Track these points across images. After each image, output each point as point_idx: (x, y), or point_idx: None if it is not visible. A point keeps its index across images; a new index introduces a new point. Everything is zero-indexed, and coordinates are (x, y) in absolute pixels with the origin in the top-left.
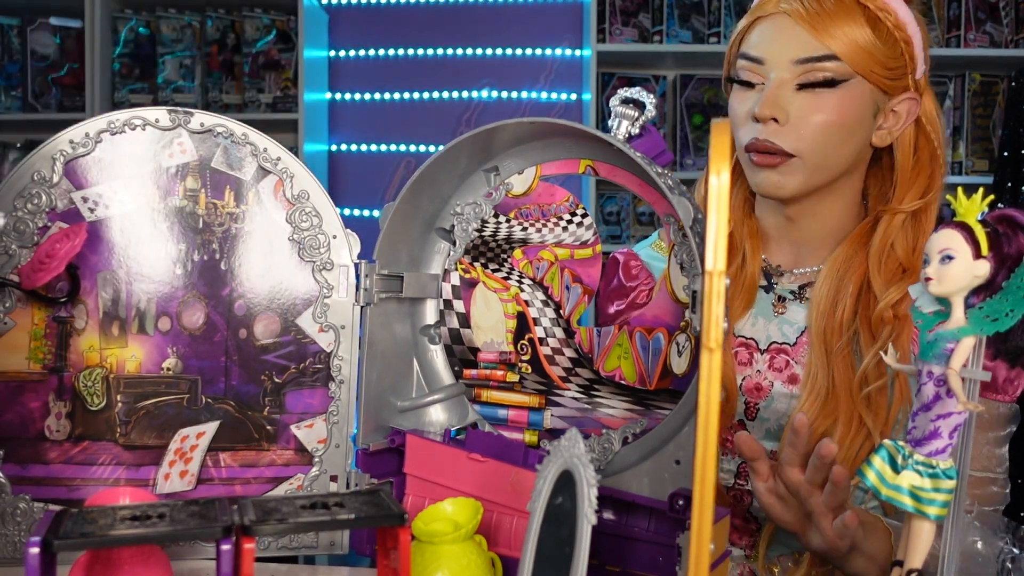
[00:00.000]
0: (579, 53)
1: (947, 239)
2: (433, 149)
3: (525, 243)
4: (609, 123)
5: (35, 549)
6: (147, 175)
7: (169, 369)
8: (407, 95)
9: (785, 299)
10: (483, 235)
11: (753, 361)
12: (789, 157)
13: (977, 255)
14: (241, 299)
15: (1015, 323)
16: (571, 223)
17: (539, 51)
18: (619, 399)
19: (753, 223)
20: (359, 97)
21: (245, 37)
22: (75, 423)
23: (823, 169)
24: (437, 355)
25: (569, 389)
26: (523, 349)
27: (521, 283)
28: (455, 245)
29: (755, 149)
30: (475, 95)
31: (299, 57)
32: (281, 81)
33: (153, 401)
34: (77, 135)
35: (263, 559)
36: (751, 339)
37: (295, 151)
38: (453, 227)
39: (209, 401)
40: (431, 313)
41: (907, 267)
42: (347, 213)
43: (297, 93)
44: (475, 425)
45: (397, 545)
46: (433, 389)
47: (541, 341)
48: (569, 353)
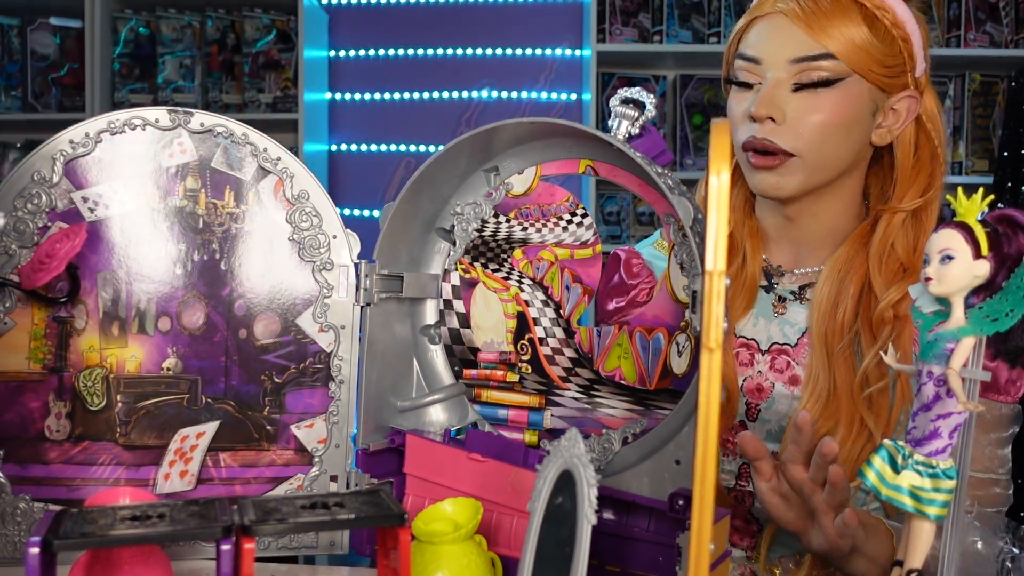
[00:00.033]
0: (579, 53)
1: (947, 239)
2: (433, 149)
3: (525, 243)
4: (609, 123)
5: (35, 549)
6: (147, 175)
7: (169, 369)
8: (407, 95)
9: (785, 299)
10: (483, 235)
11: (754, 362)
12: (788, 157)
13: (977, 255)
14: (241, 299)
15: (1015, 323)
16: (571, 223)
17: (539, 51)
18: (619, 399)
19: (753, 223)
20: (359, 97)
21: (245, 37)
22: (75, 423)
23: (822, 168)
24: (437, 355)
25: (569, 389)
26: (523, 349)
27: (521, 283)
28: (455, 245)
29: (753, 147)
30: (475, 95)
31: (299, 57)
32: (281, 81)
33: (153, 401)
34: (77, 135)
35: (263, 559)
36: (752, 340)
37: (295, 151)
38: (453, 227)
39: (209, 401)
40: (431, 313)
41: (908, 266)
42: (347, 213)
43: (297, 93)
44: (475, 425)
45: (397, 545)
46: (433, 389)
47: (541, 341)
48: (569, 353)
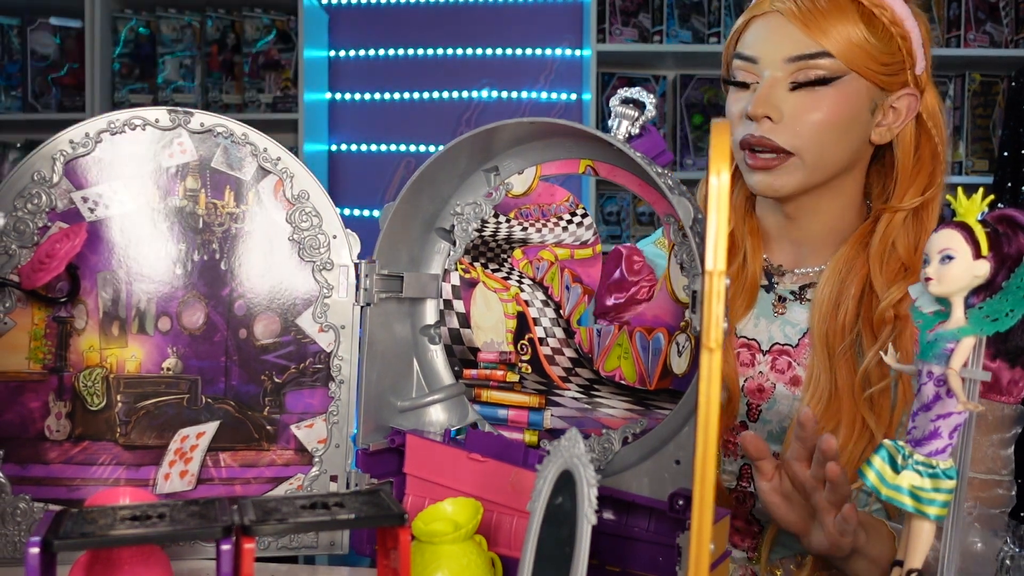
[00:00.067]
0: (579, 53)
1: (947, 239)
2: (433, 149)
3: (525, 243)
4: (609, 123)
5: (35, 549)
6: (147, 175)
7: (169, 369)
8: (407, 95)
9: (785, 299)
10: (483, 235)
11: (755, 362)
12: (786, 156)
13: (977, 255)
14: (241, 299)
15: (1015, 323)
16: (571, 223)
17: (539, 51)
18: (619, 399)
19: (754, 222)
20: (359, 97)
21: (245, 37)
22: (75, 423)
23: (821, 167)
24: (437, 355)
25: (569, 389)
26: (523, 349)
27: (521, 283)
28: (455, 245)
29: (749, 144)
30: (475, 95)
31: (299, 57)
32: (281, 81)
33: (153, 401)
34: (77, 135)
35: (263, 559)
36: (753, 340)
37: (295, 151)
38: (453, 227)
39: (209, 401)
40: (431, 313)
41: (909, 266)
42: (347, 213)
43: (297, 93)
44: (475, 425)
45: (397, 545)
46: (433, 389)
47: (541, 341)
48: (569, 353)
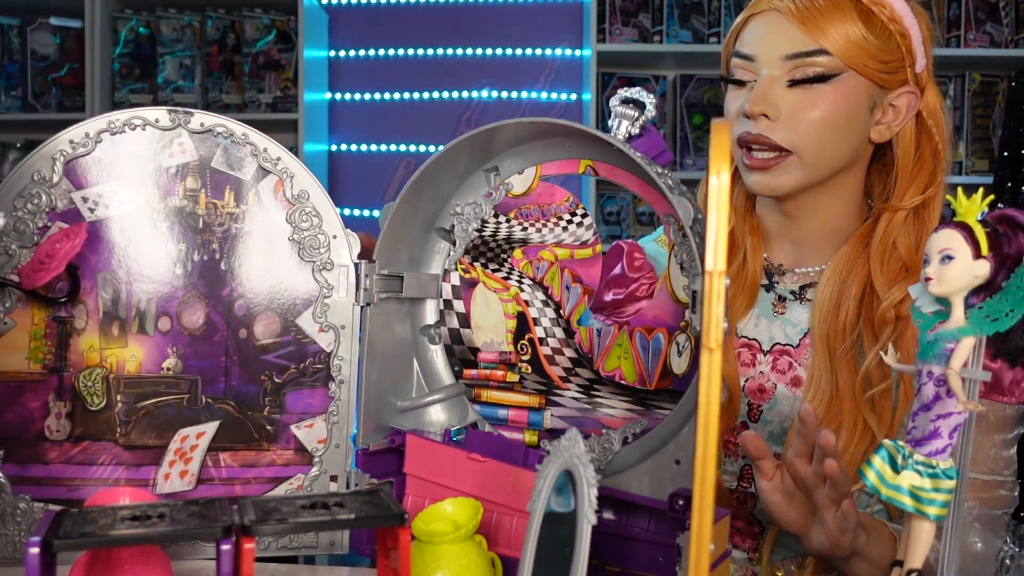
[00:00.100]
0: (579, 53)
1: (947, 239)
2: (433, 149)
3: (525, 243)
4: (609, 123)
5: (35, 549)
6: (147, 175)
7: (169, 369)
8: (407, 95)
9: (785, 299)
10: (483, 235)
11: (756, 362)
12: (784, 154)
13: (977, 255)
14: (241, 299)
15: (1015, 323)
16: (571, 223)
17: (539, 51)
18: (619, 399)
19: (754, 220)
20: (359, 97)
21: (245, 37)
22: (75, 423)
23: (819, 165)
24: (437, 355)
25: (569, 389)
26: (523, 349)
27: (521, 283)
28: (455, 245)
29: (747, 142)
30: (475, 95)
31: (299, 57)
32: (281, 81)
33: (153, 401)
34: (77, 135)
35: (263, 559)
36: (754, 340)
37: (295, 151)
38: (453, 227)
39: (209, 401)
40: (431, 313)
41: (910, 265)
42: (347, 213)
43: (297, 93)
44: (475, 425)
45: (397, 545)
46: (433, 389)
47: (541, 341)
48: (569, 353)
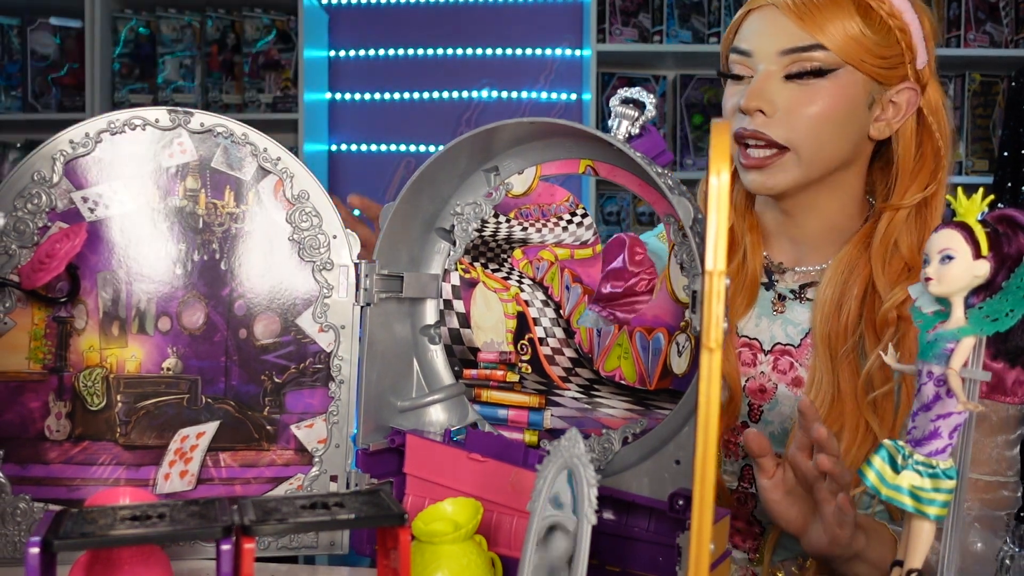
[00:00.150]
0: (579, 53)
1: (947, 239)
2: (433, 149)
3: (525, 243)
4: (609, 123)
5: (35, 549)
6: (147, 175)
7: (169, 369)
8: (407, 95)
9: (785, 298)
10: (483, 235)
11: (757, 362)
12: (780, 151)
13: (977, 255)
14: (241, 299)
15: (1015, 323)
16: (571, 223)
17: (539, 51)
18: (619, 399)
19: (753, 218)
20: (359, 97)
21: (245, 37)
22: (75, 423)
23: (817, 162)
24: (437, 355)
25: (569, 389)
26: (523, 349)
27: (521, 283)
28: (455, 245)
29: (743, 138)
30: (475, 95)
31: (299, 57)
32: (281, 81)
33: (153, 401)
34: (77, 135)
35: (263, 559)
36: (755, 339)
37: (295, 151)
38: (453, 227)
39: (209, 401)
40: (431, 313)
41: (912, 265)
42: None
43: (297, 93)
44: (475, 425)
45: (397, 545)
46: (433, 389)
47: (541, 341)
48: (569, 353)
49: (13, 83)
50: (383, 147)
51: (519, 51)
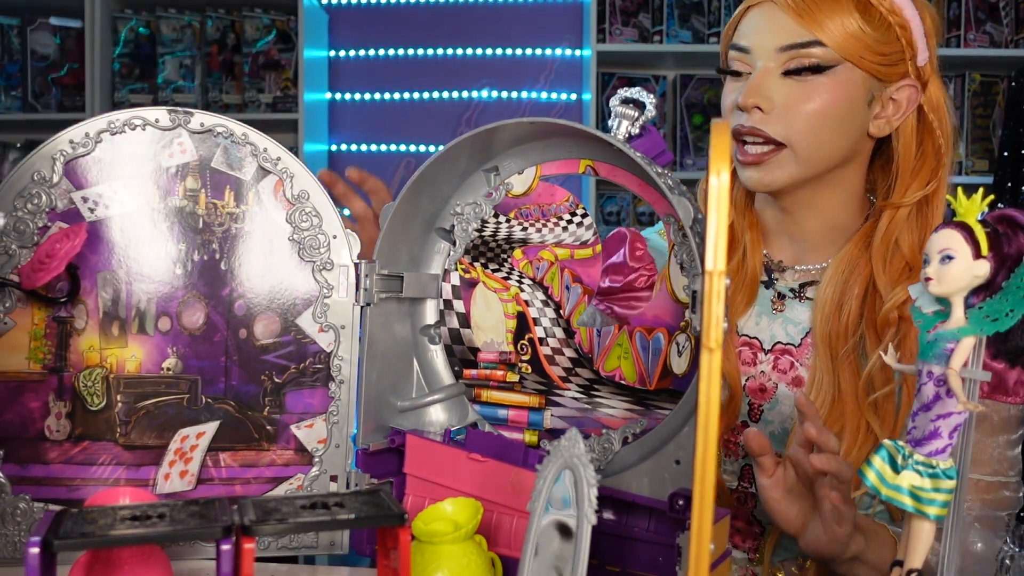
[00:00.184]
0: (579, 53)
1: (947, 239)
2: (433, 149)
3: (525, 243)
4: (609, 123)
5: (35, 549)
6: (147, 175)
7: (169, 369)
8: (407, 95)
9: (784, 296)
10: (483, 235)
11: (757, 361)
12: (778, 148)
13: (977, 255)
14: (241, 299)
15: (1015, 323)
16: (571, 223)
17: (539, 51)
18: (619, 399)
19: (753, 216)
20: (359, 97)
21: (245, 37)
22: (75, 423)
23: (815, 159)
24: (437, 355)
25: (569, 389)
26: (523, 349)
27: (521, 283)
28: (455, 245)
29: (740, 135)
30: (475, 95)
31: (299, 57)
32: (281, 81)
33: (153, 401)
34: (77, 135)
35: (263, 559)
36: (755, 338)
37: (295, 151)
38: (453, 227)
39: (209, 401)
40: (431, 313)
41: (913, 265)
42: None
43: (297, 93)
44: (475, 425)
45: (397, 545)
46: (433, 389)
47: (541, 341)
48: (569, 353)
49: (13, 83)
50: (383, 147)
51: (519, 51)
